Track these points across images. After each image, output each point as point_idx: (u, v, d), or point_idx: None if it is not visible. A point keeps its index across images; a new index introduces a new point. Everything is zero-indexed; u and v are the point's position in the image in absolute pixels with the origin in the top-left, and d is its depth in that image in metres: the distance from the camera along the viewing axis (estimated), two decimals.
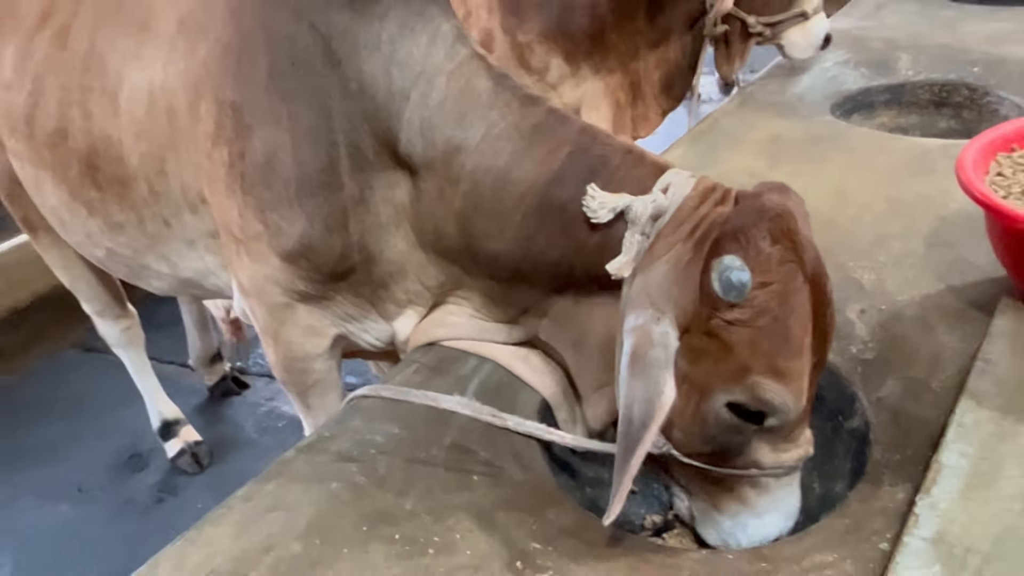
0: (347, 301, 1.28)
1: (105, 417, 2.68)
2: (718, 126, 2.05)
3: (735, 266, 0.86)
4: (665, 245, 0.94)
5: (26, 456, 2.58)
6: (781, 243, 0.89)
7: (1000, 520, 0.86)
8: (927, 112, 2.33)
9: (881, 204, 1.62)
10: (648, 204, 0.96)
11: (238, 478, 1.15)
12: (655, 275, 0.93)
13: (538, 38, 2.23)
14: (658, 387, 0.85)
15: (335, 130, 1.12)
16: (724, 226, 0.92)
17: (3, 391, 2.96)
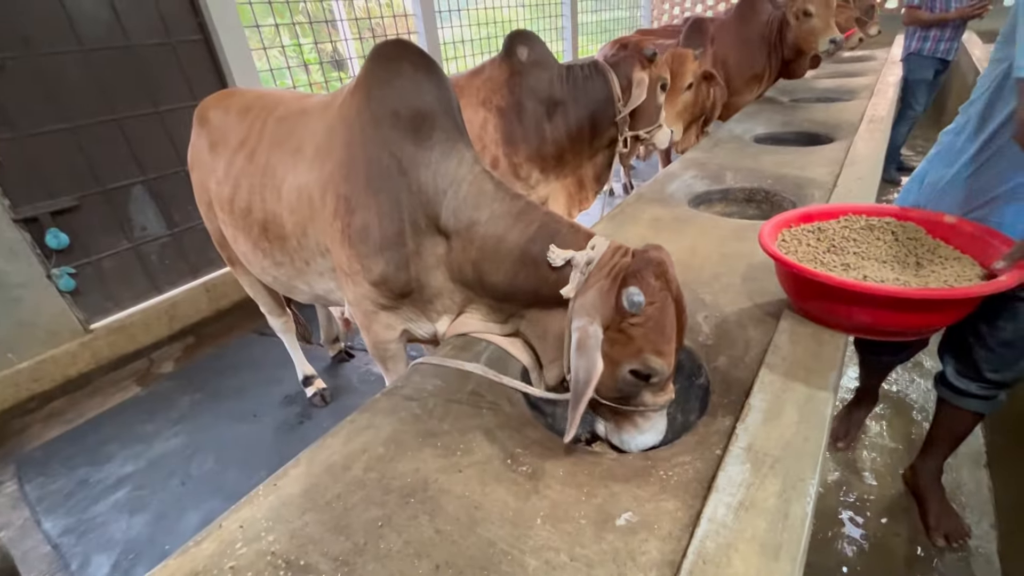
0: (408, 310, 1.28)
1: (272, 373, 2.65)
2: (624, 212, 2.06)
3: (635, 294, 0.89)
4: (595, 280, 0.97)
5: (225, 395, 2.55)
6: (660, 279, 0.92)
7: (783, 437, 0.86)
8: (742, 205, 2.36)
9: (716, 256, 1.64)
10: (584, 256, 0.99)
11: (349, 410, 1.14)
12: (589, 297, 0.96)
13: (525, 160, 2.25)
14: (593, 361, 0.89)
15: (403, 211, 1.13)
16: (628, 269, 0.95)
17: (214, 359, 2.93)
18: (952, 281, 1.04)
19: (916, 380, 2.17)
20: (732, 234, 1.79)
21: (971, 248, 1.15)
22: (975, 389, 1.40)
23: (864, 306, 1.04)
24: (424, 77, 1.13)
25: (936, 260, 1.15)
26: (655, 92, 2.23)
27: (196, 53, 3.16)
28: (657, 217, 1.99)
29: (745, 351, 1.21)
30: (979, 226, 1.18)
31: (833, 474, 1.74)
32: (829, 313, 1.15)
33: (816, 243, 1.27)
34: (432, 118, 1.11)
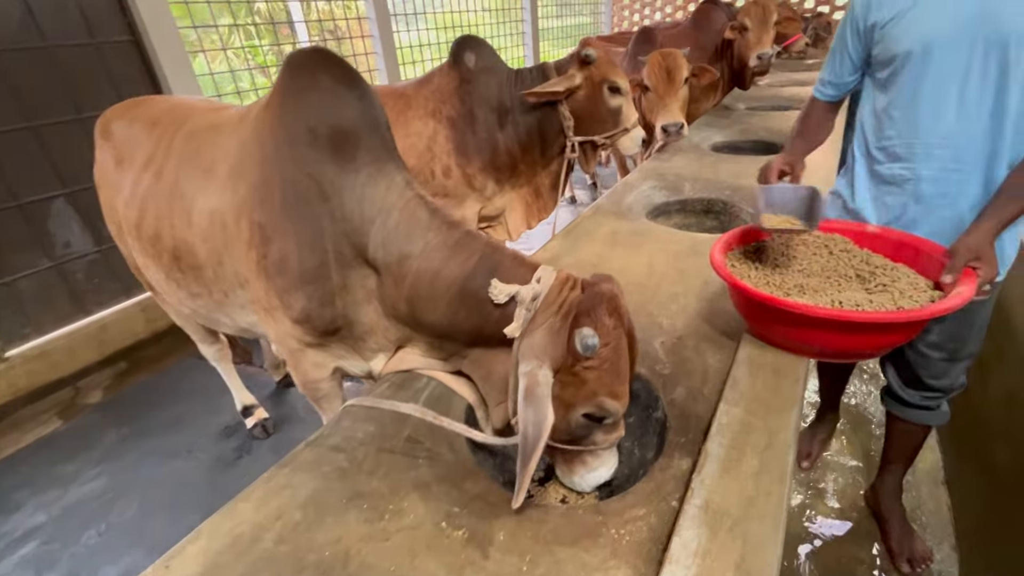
0: (339, 348, 1.15)
1: (212, 401, 2.45)
2: (581, 226, 1.99)
3: (589, 335, 0.82)
4: (542, 318, 0.88)
5: (157, 428, 2.35)
6: (614, 317, 0.86)
7: (743, 491, 0.78)
8: (700, 216, 2.32)
9: (673, 274, 1.57)
10: (529, 290, 0.89)
11: (293, 442, 1.03)
12: (537, 337, 0.88)
13: (479, 171, 2.16)
14: (543, 413, 0.81)
15: (326, 241, 1.01)
16: (580, 306, 0.87)
17: (148, 387, 2.71)
18: (908, 297, 1.01)
19: (874, 392, 2.17)
20: (689, 249, 1.73)
21: (901, 257, 1.15)
22: (919, 399, 1.41)
23: (830, 331, 0.99)
24: (345, 90, 1.01)
25: (877, 273, 1.12)
26: (600, 95, 2.11)
27: (124, 55, 2.92)
28: (614, 231, 1.92)
29: (703, 382, 1.13)
30: (904, 234, 1.18)
31: (795, 497, 1.70)
32: (789, 339, 1.10)
33: (762, 264, 1.22)
34: (355, 136, 0.99)
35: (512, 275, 0.94)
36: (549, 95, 2.00)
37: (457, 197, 2.24)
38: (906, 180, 1.20)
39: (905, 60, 1.15)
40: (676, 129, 2.76)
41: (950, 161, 1.13)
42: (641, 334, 1.32)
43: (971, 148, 1.11)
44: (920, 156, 1.16)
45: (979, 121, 1.09)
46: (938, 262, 1.08)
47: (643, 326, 1.34)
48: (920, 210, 1.21)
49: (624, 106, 2.12)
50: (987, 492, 1.36)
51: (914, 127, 1.16)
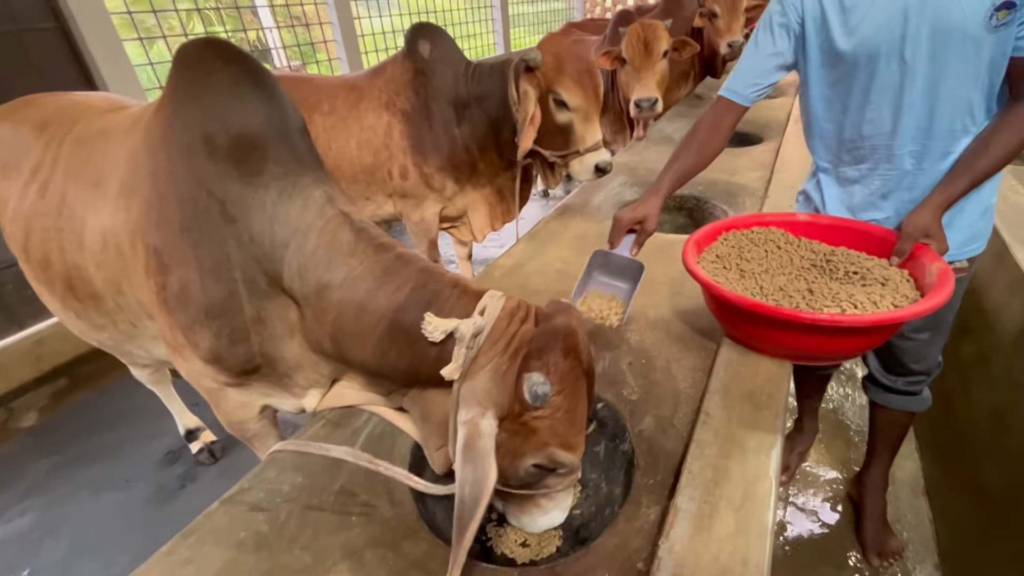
0: (262, 386, 1.01)
1: (155, 423, 2.25)
2: (547, 228, 1.86)
3: (539, 382, 0.70)
4: (486, 357, 0.76)
5: (93, 455, 2.16)
6: (570, 357, 0.74)
7: (717, 560, 0.67)
8: (673, 213, 2.22)
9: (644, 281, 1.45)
10: (470, 326, 0.76)
11: (243, 467, 0.89)
12: (480, 381, 0.76)
13: (437, 170, 2.00)
14: (484, 471, 0.69)
15: (234, 269, 0.86)
16: (531, 344, 0.75)
17: (87, 407, 2.49)
18: (893, 288, 0.97)
19: (851, 395, 2.11)
20: (659, 252, 1.62)
21: (843, 241, 1.15)
22: (902, 385, 1.40)
23: (817, 335, 0.92)
24: (246, 90, 0.85)
25: (839, 264, 1.08)
26: (546, 107, 1.80)
27: (51, 44, 2.66)
28: (582, 234, 1.80)
29: (674, 410, 1.03)
30: (836, 218, 1.19)
31: None
32: (767, 342, 1.03)
33: (727, 267, 1.15)
34: (261, 146, 0.84)
35: (452, 306, 0.81)
36: (530, 139, 1.77)
37: (416, 198, 2.09)
38: (872, 179, 1.18)
39: (856, 60, 1.09)
40: (649, 104, 2.61)
41: (910, 157, 1.11)
42: (608, 353, 1.22)
43: (931, 144, 1.09)
44: (882, 157, 1.14)
45: (935, 120, 1.07)
46: (879, 241, 1.09)
47: (610, 344, 1.23)
48: (889, 206, 1.19)
49: (576, 124, 1.82)
50: (972, 508, 1.30)
51: (872, 128, 1.13)
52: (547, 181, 2.01)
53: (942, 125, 1.06)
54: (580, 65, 1.78)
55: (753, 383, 0.97)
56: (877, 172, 1.17)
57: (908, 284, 0.99)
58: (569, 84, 1.77)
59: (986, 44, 0.97)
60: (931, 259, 0.99)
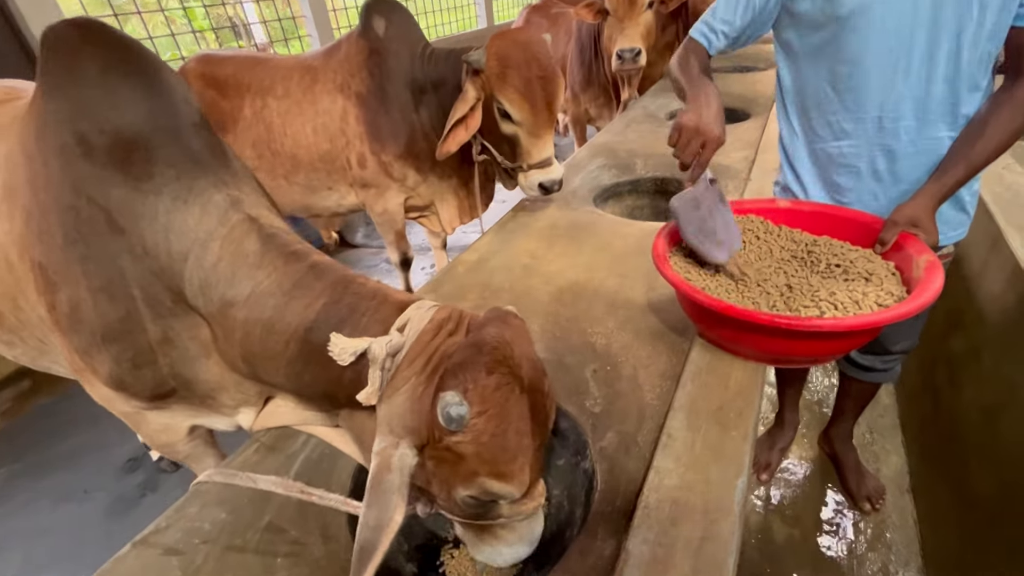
0: (185, 408, 0.91)
1: (114, 429, 2.14)
2: (517, 217, 1.75)
3: (454, 403, 0.61)
4: (402, 378, 0.67)
5: (52, 463, 2.06)
6: (497, 372, 0.63)
7: None
8: (654, 197, 2.12)
9: (615, 279, 1.36)
10: (383, 345, 0.66)
11: None
12: (395, 405, 0.66)
13: (395, 159, 1.87)
14: (388, 514, 0.60)
15: (130, 285, 0.76)
16: (449, 361, 0.65)
17: (49, 411, 2.38)
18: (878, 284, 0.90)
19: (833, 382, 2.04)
20: (636, 244, 1.52)
21: (827, 229, 1.07)
22: (878, 364, 1.38)
23: (795, 340, 0.85)
24: (119, 80, 0.73)
25: (821, 256, 1.02)
26: (491, 114, 1.60)
27: None
28: (553, 223, 1.69)
29: (638, 425, 0.94)
30: (819, 204, 1.11)
31: (750, 515, 1.55)
32: (742, 345, 0.96)
33: (702, 262, 1.06)
34: (146, 145, 0.73)
35: (369, 321, 0.71)
36: (455, 133, 1.59)
37: (377, 187, 1.96)
38: (858, 157, 1.07)
39: (845, 21, 0.97)
40: (632, 55, 2.45)
41: (902, 132, 1.01)
42: (571, 359, 1.13)
43: (925, 117, 0.99)
44: (871, 131, 1.03)
45: (932, 87, 0.97)
46: (864, 229, 1.01)
47: (575, 348, 1.14)
48: (879, 188, 1.09)
49: (522, 138, 1.62)
50: (959, 510, 1.24)
51: (859, 99, 1.02)
52: (505, 183, 1.86)
53: (936, 95, 0.96)
54: (530, 72, 1.54)
55: (722, 397, 0.88)
56: (862, 149, 1.06)
57: (894, 279, 0.93)
58: (513, 96, 1.55)
59: (990, 8, 0.88)
60: (919, 250, 0.92)
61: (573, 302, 1.29)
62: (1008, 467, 1.08)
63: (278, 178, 2.05)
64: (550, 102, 1.60)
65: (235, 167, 0.81)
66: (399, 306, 0.73)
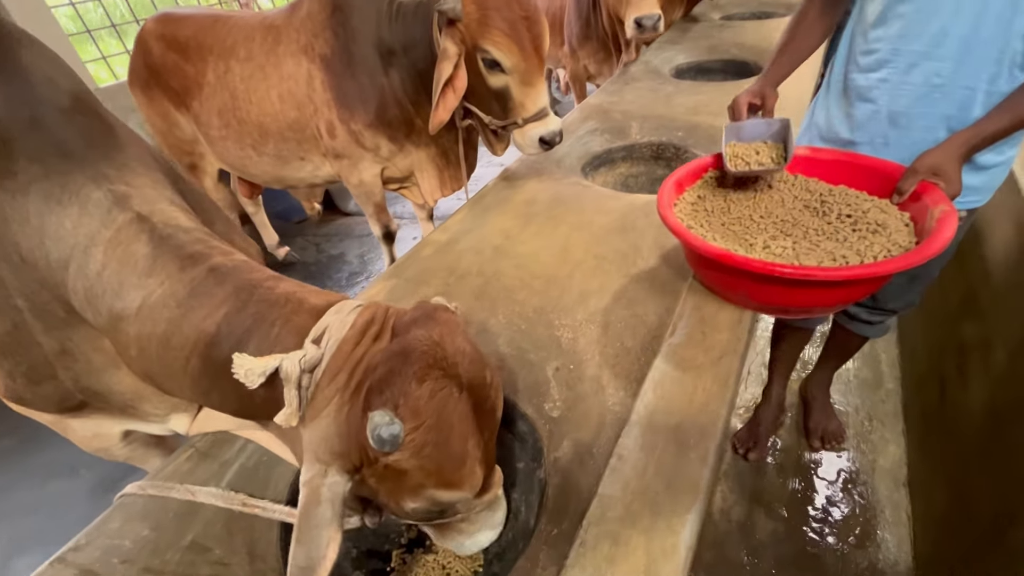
0: (106, 416, 0.85)
1: None
2: (495, 191, 1.63)
3: (384, 423, 0.54)
4: (324, 398, 0.60)
5: (46, 439, 2.07)
6: (430, 378, 0.58)
7: None
8: (649, 163, 1.96)
9: (591, 262, 1.26)
10: (297, 361, 0.58)
11: None
12: (318, 429, 0.60)
13: (366, 127, 1.74)
14: (319, 551, 0.56)
15: (13, 297, 0.69)
16: (373, 374, 0.58)
17: None
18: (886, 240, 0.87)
19: None
20: (618, 220, 1.40)
21: (845, 179, 1.04)
22: (866, 315, 1.37)
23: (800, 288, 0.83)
24: None
25: (833, 206, 0.99)
26: (475, 67, 1.44)
27: None
28: (532, 198, 1.57)
29: (596, 434, 0.86)
30: (839, 152, 1.07)
31: (733, 507, 1.48)
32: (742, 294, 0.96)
33: (708, 210, 1.06)
34: (5, 136, 0.63)
35: (279, 332, 0.63)
36: (444, 98, 1.42)
37: (350, 158, 1.84)
38: (881, 93, 1.02)
39: None
40: (653, 23, 2.23)
41: (934, 75, 0.94)
42: (535, 356, 1.04)
43: (966, 59, 0.91)
44: (902, 67, 0.97)
45: (981, 26, 0.88)
46: (886, 180, 0.97)
47: (539, 343, 1.05)
48: (896, 133, 1.03)
49: (513, 89, 1.45)
50: (958, 513, 1.15)
51: (902, 28, 0.96)
52: (492, 148, 1.72)
53: (984, 37, 0.87)
54: (513, 12, 1.38)
55: (685, 411, 0.79)
56: (891, 86, 0.99)
57: (906, 230, 0.89)
58: (498, 38, 1.37)
59: None
60: (935, 200, 0.87)
61: (543, 289, 1.19)
62: (1012, 477, 0.98)
63: (246, 148, 1.94)
64: (538, 46, 1.44)
65: (124, 156, 0.71)
66: (315, 312, 0.64)
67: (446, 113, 1.46)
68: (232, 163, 2.08)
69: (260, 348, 0.63)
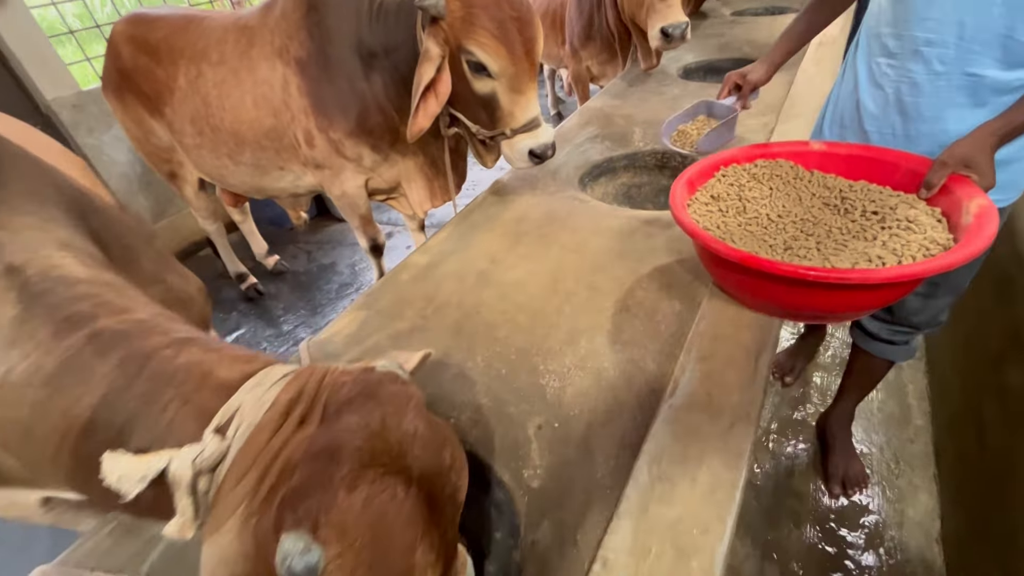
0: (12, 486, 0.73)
1: None
2: (483, 207, 1.49)
3: (295, 551, 0.41)
4: (227, 505, 0.46)
5: None
6: (363, 482, 0.45)
7: None
8: (653, 173, 1.82)
9: (583, 293, 1.12)
10: (190, 461, 0.45)
11: None
12: (217, 546, 0.46)
13: (346, 136, 1.61)
14: None
15: None
16: (290, 478, 0.45)
17: None
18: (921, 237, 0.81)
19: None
20: (616, 241, 1.25)
21: (865, 174, 0.98)
22: (886, 334, 1.28)
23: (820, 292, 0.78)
24: None
25: (856, 203, 0.93)
26: (459, 70, 1.29)
27: None
28: (523, 214, 1.43)
29: (580, 519, 0.72)
30: (857, 146, 1.02)
31: (744, 563, 1.32)
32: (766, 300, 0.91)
33: (723, 210, 1.00)
34: None
35: (180, 416, 0.50)
36: (425, 104, 1.28)
37: (331, 169, 1.71)
38: (889, 80, 1.00)
39: None
40: (681, 31, 2.06)
41: (936, 61, 0.92)
42: (515, 409, 0.90)
43: (969, 45, 0.88)
44: (907, 54, 0.95)
45: (983, 8, 0.85)
46: (909, 175, 0.91)
47: (522, 394, 0.91)
48: (903, 123, 1.01)
49: (501, 96, 1.31)
50: None
51: (904, 12, 0.94)
52: (481, 159, 1.57)
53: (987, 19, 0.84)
54: (502, 11, 1.24)
55: (686, 500, 0.65)
56: (896, 72, 0.98)
57: (940, 226, 0.83)
58: (484, 39, 1.23)
59: None
60: (970, 193, 0.81)
61: (529, 325, 1.05)
62: None
63: (222, 157, 1.81)
64: (529, 49, 1.29)
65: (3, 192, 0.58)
66: (224, 388, 0.51)
67: (426, 120, 1.32)
68: (209, 173, 1.96)
69: (149, 437, 0.50)
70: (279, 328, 2.34)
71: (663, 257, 1.17)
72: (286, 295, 2.56)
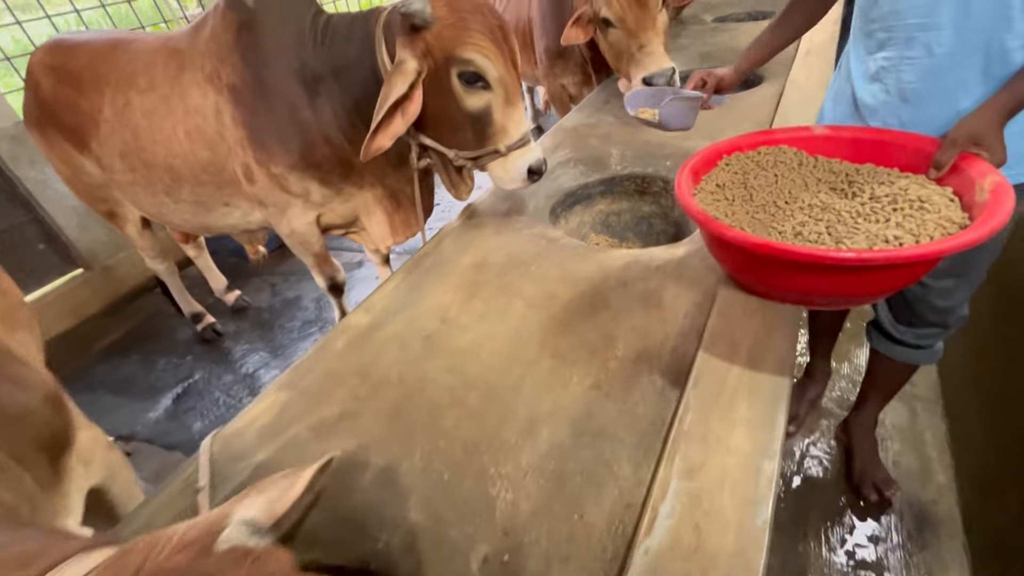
0: None
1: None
2: (440, 248, 1.31)
3: None
4: None
5: None
6: None
7: None
8: (633, 199, 1.64)
9: (546, 362, 0.93)
10: None
11: None
12: None
13: (288, 170, 1.42)
14: None
15: None
16: None
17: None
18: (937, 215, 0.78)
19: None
20: (589, 293, 1.07)
21: (871, 157, 0.96)
22: (911, 338, 1.23)
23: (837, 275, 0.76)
24: None
25: (864, 186, 0.90)
26: (446, 86, 1.16)
27: None
28: (483, 259, 1.24)
29: None
30: (861, 129, 1.00)
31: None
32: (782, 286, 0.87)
33: (729, 198, 0.96)
34: None
35: None
36: (389, 123, 1.14)
37: (276, 206, 1.53)
38: (887, 72, 0.98)
39: None
40: (667, 79, 1.89)
41: (934, 44, 0.89)
42: (456, 532, 0.70)
43: (964, 22, 0.85)
44: (900, 42, 0.93)
45: None
46: (916, 155, 0.90)
47: (466, 509, 0.72)
48: (909, 111, 0.97)
49: (495, 110, 1.19)
50: None
51: (891, 4, 0.93)
52: (454, 189, 1.40)
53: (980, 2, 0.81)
54: (487, 19, 1.13)
55: None
56: (894, 63, 0.95)
57: (953, 205, 0.80)
58: (483, 43, 1.11)
59: None
60: (982, 171, 0.79)
61: (480, 408, 0.86)
62: None
63: (159, 195, 1.63)
64: (515, 60, 1.21)
65: None
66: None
67: (387, 141, 1.16)
68: (148, 211, 1.76)
69: None
70: (237, 373, 2.14)
71: (639, 315, 0.99)
72: (247, 333, 2.36)
